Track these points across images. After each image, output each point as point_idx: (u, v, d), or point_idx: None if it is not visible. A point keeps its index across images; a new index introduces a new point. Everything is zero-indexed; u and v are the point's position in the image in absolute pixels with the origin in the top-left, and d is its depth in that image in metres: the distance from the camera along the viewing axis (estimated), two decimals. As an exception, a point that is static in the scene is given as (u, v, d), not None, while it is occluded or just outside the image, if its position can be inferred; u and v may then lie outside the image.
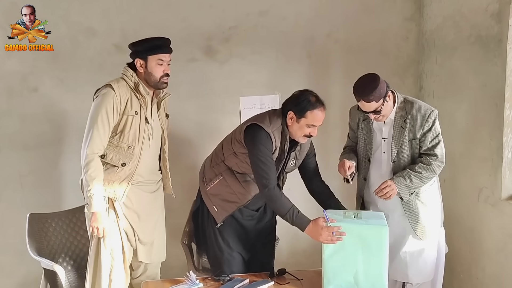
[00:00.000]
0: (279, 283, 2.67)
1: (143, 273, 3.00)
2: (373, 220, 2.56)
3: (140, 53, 2.73)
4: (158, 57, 2.73)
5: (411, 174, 2.72)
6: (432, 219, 2.86)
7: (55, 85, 3.47)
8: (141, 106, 2.75)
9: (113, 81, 2.72)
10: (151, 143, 2.83)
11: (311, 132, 2.68)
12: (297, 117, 2.64)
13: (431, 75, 3.84)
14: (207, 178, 2.88)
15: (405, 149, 2.78)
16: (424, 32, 3.91)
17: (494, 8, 3.17)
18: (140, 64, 2.74)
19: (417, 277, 2.88)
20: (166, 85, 2.82)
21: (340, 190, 3.99)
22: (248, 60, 3.76)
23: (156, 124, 2.87)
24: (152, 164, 2.90)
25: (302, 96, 2.66)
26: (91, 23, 3.50)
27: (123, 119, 2.70)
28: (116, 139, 2.72)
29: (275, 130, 2.66)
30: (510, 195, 3.20)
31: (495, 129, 3.21)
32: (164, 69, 2.76)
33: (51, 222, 3.16)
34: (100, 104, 2.65)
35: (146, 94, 2.75)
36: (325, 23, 3.86)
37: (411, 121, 2.74)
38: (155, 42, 2.75)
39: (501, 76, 3.14)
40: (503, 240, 3.19)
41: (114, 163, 2.72)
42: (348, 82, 3.91)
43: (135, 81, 2.73)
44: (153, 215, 2.96)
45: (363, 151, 2.91)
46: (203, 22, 3.68)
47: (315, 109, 2.63)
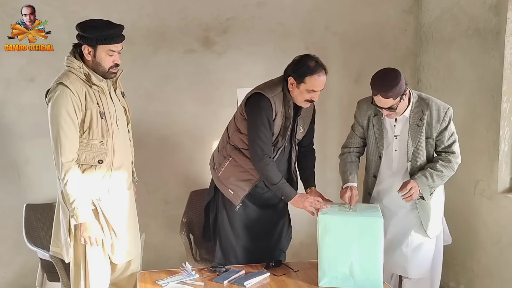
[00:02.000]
0: (275, 274, 2.68)
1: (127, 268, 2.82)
2: (368, 212, 2.58)
3: (89, 40, 2.47)
4: (109, 47, 2.49)
5: (433, 173, 2.67)
6: (438, 216, 2.85)
7: (52, 75, 3.43)
8: (100, 95, 2.54)
9: (63, 77, 2.48)
10: (120, 128, 2.65)
11: (312, 97, 2.66)
12: (297, 83, 2.63)
13: (428, 67, 3.84)
14: (217, 163, 2.88)
15: (421, 147, 2.72)
16: (422, 25, 3.90)
17: (492, 1, 3.17)
18: (88, 51, 2.49)
19: (416, 272, 2.85)
20: (114, 75, 2.59)
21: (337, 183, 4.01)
22: (246, 52, 3.74)
23: (118, 106, 2.68)
24: (125, 148, 2.72)
25: (301, 62, 2.64)
26: (88, 13, 3.43)
27: (87, 115, 2.49)
28: (85, 137, 2.51)
29: (275, 95, 2.66)
30: (506, 188, 3.22)
31: (492, 122, 3.22)
32: (114, 59, 2.53)
33: (48, 212, 3.16)
34: (58, 106, 2.43)
35: (100, 82, 2.53)
36: (323, 15, 3.84)
37: (428, 120, 2.68)
38: (107, 32, 2.48)
39: (498, 69, 3.15)
40: (498, 233, 3.21)
41: (90, 162, 2.53)
42: (346, 74, 3.96)
43: (85, 72, 2.49)
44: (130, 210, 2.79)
45: (373, 148, 2.83)
46: (201, 13, 3.66)
47: (314, 74, 2.60)
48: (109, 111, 2.58)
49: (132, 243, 2.77)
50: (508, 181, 3.21)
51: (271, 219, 2.93)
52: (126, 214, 2.73)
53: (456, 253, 3.52)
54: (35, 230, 3.06)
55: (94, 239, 2.52)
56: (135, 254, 2.82)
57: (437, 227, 2.83)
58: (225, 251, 2.85)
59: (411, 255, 2.81)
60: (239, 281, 2.57)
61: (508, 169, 3.20)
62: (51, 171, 3.50)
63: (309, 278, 2.63)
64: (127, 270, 2.79)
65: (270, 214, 2.92)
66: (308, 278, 2.64)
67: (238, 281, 2.57)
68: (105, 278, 2.68)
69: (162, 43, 3.65)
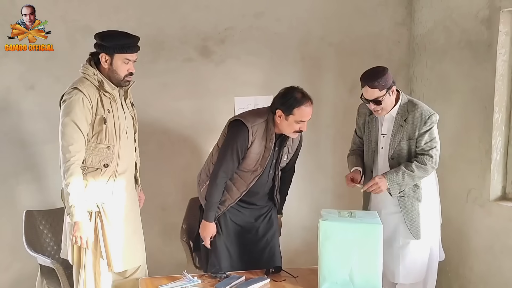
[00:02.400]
0: (275, 280, 2.72)
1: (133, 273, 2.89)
2: (367, 219, 2.62)
3: (106, 49, 2.62)
4: (125, 56, 2.64)
5: (405, 172, 2.79)
6: (427, 219, 2.91)
7: (52, 83, 3.47)
8: (111, 103, 2.67)
9: (78, 83, 2.62)
10: (128, 136, 2.78)
11: (300, 127, 2.76)
12: (285, 115, 2.72)
13: (421, 78, 3.93)
14: (201, 180, 2.98)
15: (402, 147, 2.85)
16: (415, 37, 3.99)
17: (484, 14, 3.26)
18: (105, 60, 2.64)
19: (405, 277, 2.93)
20: (129, 83, 2.74)
21: (331, 192, 4.09)
22: (243, 61, 3.79)
23: (128, 115, 2.80)
24: (130, 155, 2.82)
25: (288, 94, 2.74)
26: (88, 22, 3.51)
27: (97, 120, 2.62)
28: (93, 141, 2.63)
29: (256, 124, 2.76)
30: (498, 196, 3.29)
31: (484, 132, 3.30)
32: (129, 68, 2.68)
33: (47, 219, 3.18)
34: (71, 108, 2.56)
35: (112, 90, 2.67)
36: (319, 26, 3.91)
37: (411, 121, 2.82)
38: (124, 41, 2.64)
39: (490, 81, 3.24)
40: (490, 240, 3.29)
41: (95, 165, 2.64)
42: (341, 84, 4.03)
43: (99, 79, 2.62)
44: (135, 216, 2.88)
45: (368, 145, 3.01)
46: (200, 22, 3.70)
47: (302, 105, 2.70)
48: (119, 118, 2.68)
49: (134, 250, 2.81)
50: (500, 189, 3.29)
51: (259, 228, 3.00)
52: (130, 219, 2.79)
53: (449, 260, 3.57)
54: (35, 236, 3.06)
55: (85, 240, 2.58)
56: (140, 262, 2.87)
57: (425, 230, 2.90)
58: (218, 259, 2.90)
59: (398, 259, 2.90)
60: (241, 286, 2.61)
61: (500, 178, 3.28)
62: (50, 178, 3.56)
63: (309, 284, 2.68)
64: (133, 276, 2.85)
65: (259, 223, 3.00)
66: (308, 284, 2.68)
67: (240, 286, 2.62)
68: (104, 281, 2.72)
69: (161, 52, 3.68)
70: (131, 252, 2.79)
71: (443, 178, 3.44)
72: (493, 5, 3.19)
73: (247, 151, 2.77)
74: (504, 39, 3.19)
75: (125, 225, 2.76)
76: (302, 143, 3.06)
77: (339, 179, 4.05)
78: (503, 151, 3.27)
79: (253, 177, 2.85)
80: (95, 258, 2.70)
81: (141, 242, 2.91)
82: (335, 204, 3.91)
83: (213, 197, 2.83)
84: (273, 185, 2.97)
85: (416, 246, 2.91)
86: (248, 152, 2.78)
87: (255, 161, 2.81)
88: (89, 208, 2.65)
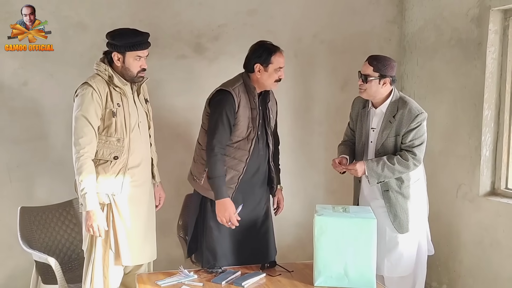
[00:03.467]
0: (270, 275, 2.76)
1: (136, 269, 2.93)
2: (361, 213, 2.67)
3: (118, 47, 2.70)
4: (137, 53, 2.72)
5: (385, 164, 2.84)
6: (413, 214, 2.95)
7: (45, 79, 3.46)
8: (121, 97, 2.74)
9: (89, 78, 2.71)
10: (141, 131, 2.83)
11: (279, 76, 2.84)
12: (264, 66, 2.81)
13: (412, 76, 3.98)
14: (196, 174, 2.94)
15: (389, 142, 2.90)
16: (406, 35, 4.04)
17: (474, 13, 3.32)
18: (118, 58, 2.72)
19: (391, 271, 2.97)
20: (142, 79, 2.82)
21: (324, 188, 4.13)
22: (237, 58, 3.67)
23: (141, 110, 2.87)
24: (144, 150, 2.87)
25: (259, 48, 2.86)
26: (81, 18, 3.50)
27: (107, 113, 2.69)
28: (104, 134, 2.70)
29: (235, 87, 2.82)
30: (487, 191, 3.36)
31: (474, 129, 3.36)
32: (141, 64, 2.76)
33: (42, 215, 3.17)
34: (82, 103, 2.64)
35: (123, 85, 2.74)
36: (312, 24, 3.95)
37: (399, 118, 2.86)
38: (135, 39, 2.72)
39: (480, 78, 3.30)
40: (480, 234, 3.35)
41: (106, 158, 2.71)
42: (333, 81, 4.07)
43: (109, 74, 2.70)
44: (147, 212, 2.91)
45: (359, 137, 3.05)
46: (193, 19, 3.71)
47: (277, 52, 2.83)
48: (130, 113, 2.75)
49: (144, 245, 2.86)
50: (489, 184, 3.35)
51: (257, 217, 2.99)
52: (141, 214, 2.84)
53: (439, 254, 3.63)
54: (29, 232, 3.06)
55: (97, 228, 2.63)
56: (150, 259, 2.94)
57: (410, 225, 2.93)
58: (214, 254, 2.87)
59: (385, 252, 2.92)
60: (237, 281, 2.64)
61: (489, 173, 3.34)
62: (43, 174, 3.55)
63: (304, 278, 2.71)
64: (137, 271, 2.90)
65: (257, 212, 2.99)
66: (303, 278, 2.72)
67: (236, 281, 2.64)
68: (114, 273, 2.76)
69: (155, 49, 3.59)
70: (141, 248, 2.83)
71: (433, 173, 3.52)
72: (483, 4, 3.25)
73: (236, 115, 2.79)
74: (494, 37, 3.25)
75: (136, 219, 2.81)
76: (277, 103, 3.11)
77: (332, 175, 4.09)
78: (492, 147, 3.33)
79: (249, 143, 2.85)
80: (104, 251, 2.74)
81: (152, 239, 2.96)
82: (328, 199, 3.95)
83: (217, 171, 2.77)
84: (267, 149, 2.96)
85: (402, 240, 2.94)
86: (237, 119, 2.80)
87: (246, 125, 2.83)
88: (101, 200, 2.70)
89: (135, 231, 2.80)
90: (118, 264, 2.76)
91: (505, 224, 3.16)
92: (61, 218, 3.26)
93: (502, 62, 3.28)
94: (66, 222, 3.27)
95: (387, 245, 2.94)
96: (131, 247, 2.77)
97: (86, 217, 2.64)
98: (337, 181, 3.83)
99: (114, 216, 2.73)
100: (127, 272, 2.90)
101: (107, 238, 2.73)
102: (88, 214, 2.63)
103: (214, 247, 2.88)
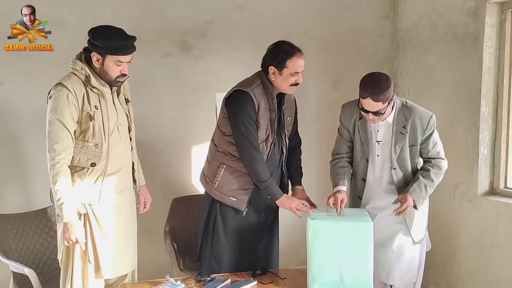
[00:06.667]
0: (262, 282, 2.62)
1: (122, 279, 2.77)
2: (357, 216, 2.55)
3: (99, 48, 2.49)
4: (118, 58, 2.50)
5: (427, 184, 2.66)
6: (423, 220, 2.83)
7: (23, 79, 3.30)
8: (99, 99, 2.54)
9: (64, 78, 2.50)
10: (121, 134, 2.65)
11: (296, 80, 2.67)
12: (279, 70, 2.64)
13: (406, 72, 3.87)
14: (210, 176, 2.79)
15: (405, 155, 2.70)
16: (399, 30, 3.94)
17: (470, 6, 3.22)
18: (97, 59, 2.51)
19: (402, 279, 2.82)
20: (120, 83, 2.61)
21: (316, 189, 3.99)
22: (224, 56, 3.68)
23: (121, 112, 2.67)
24: (125, 155, 2.69)
25: (277, 49, 2.68)
26: (61, 15, 3.35)
27: (84, 117, 2.49)
28: (81, 139, 2.51)
29: (253, 88, 2.65)
30: (486, 191, 3.26)
31: (471, 126, 3.26)
32: (122, 69, 2.55)
33: (20, 223, 3.01)
34: (56, 106, 2.44)
35: (101, 86, 2.53)
36: (302, 20, 3.84)
37: (411, 127, 2.66)
38: (118, 43, 2.49)
39: (477, 74, 3.20)
40: (479, 236, 3.25)
41: (83, 164, 2.52)
42: (325, 79, 3.96)
43: (86, 74, 2.50)
44: (127, 220, 2.75)
45: (360, 151, 2.79)
46: (178, 16, 3.58)
47: (293, 56, 2.63)
48: (108, 116, 2.56)
49: (125, 256, 2.70)
50: (487, 184, 3.25)
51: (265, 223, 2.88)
52: (121, 223, 2.66)
53: (436, 256, 3.54)
54: (6, 241, 2.90)
55: (75, 240, 2.46)
56: (131, 269, 2.77)
57: (422, 232, 2.83)
58: (218, 260, 2.77)
59: (396, 260, 2.78)
60: (226, 290, 2.50)
61: (487, 172, 3.24)
62: (18, 181, 3.38)
63: (297, 286, 2.59)
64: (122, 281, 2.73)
65: (265, 218, 2.87)
66: (296, 285, 2.60)
67: (225, 290, 2.50)
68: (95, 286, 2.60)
69: (138, 47, 3.39)
70: (122, 258, 2.67)
71: (429, 173, 3.39)
72: (479, -4, 3.15)
73: (257, 116, 2.65)
74: (491, 31, 3.15)
75: (116, 229, 2.64)
76: (297, 106, 2.96)
77: (324, 176, 3.95)
78: (491, 145, 3.23)
79: (267, 147, 2.72)
80: (83, 263, 2.57)
81: (134, 247, 2.80)
82: (320, 202, 3.75)
83: (263, 174, 2.62)
84: (281, 155, 2.82)
85: (412, 248, 2.80)
86: (258, 121, 2.66)
87: (265, 128, 2.69)
88: (77, 210, 2.52)
89: (115, 242, 2.63)
90: (99, 277, 2.60)
91: (505, 224, 3.06)
92: (40, 226, 3.10)
93: (499, 56, 3.18)
94: (45, 229, 3.11)
95: (396, 253, 2.77)
96: (111, 259, 2.61)
97: (64, 229, 2.46)
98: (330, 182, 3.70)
99: (92, 226, 2.55)
100: (111, 283, 2.74)
101: (85, 250, 2.56)
102: (65, 226, 2.45)
103: (220, 254, 2.76)
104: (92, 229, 2.56)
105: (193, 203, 3.43)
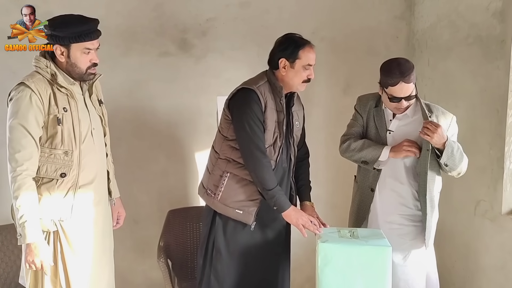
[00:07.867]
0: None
1: None
2: (373, 240, 2.29)
3: (61, 39, 2.25)
4: (84, 45, 2.27)
5: (459, 147, 2.58)
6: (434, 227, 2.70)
7: (8, 78, 3.06)
8: (68, 99, 2.28)
9: (26, 78, 2.26)
10: (95, 140, 2.38)
11: (308, 75, 2.51)
12: (291, 62, 2.48)
13: (422, 77, 3.61)
14: (211, 187, 2.53)
15: None
16: (416, 32, 3.68)
17: (497, 6, 2.96)
18: (61, 52, 2.27)
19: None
20: (93, 76, 2.37)
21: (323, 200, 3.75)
22: (227, 56, 3.48)
23: (94, 115, 2.42)
24: (99, 163, 2.42)
25: (286, 40, 2.53)
26: (49, 9, 3.09)
27: (50, 121, 2.24)
28: (47, 146, 2.25)
29: (260, 86, 2.47)
30: (511, 209, 2.99)
31: (496, 138, 3.00)
32: (91, 58, 2.30)
33: (-2, 236, 2.74)
34: (18, 109, 2.19)
35: (69, 84, 2.30)
36: (311, 19, 3.61)
37: None
38: (81, 28, 2.25)
39: (503, 80, 2.93)
40: (502, 258, 2.98)
41: (51, 175, 2.25)
42: (334, 83, 3.71)
43: (52, 72, 2.27)
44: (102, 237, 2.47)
45: (374, 138, 2.70)
46: (178, 12, 3.37)
47: (306, 46, 2.49)
48: (79, 118, 2.29)
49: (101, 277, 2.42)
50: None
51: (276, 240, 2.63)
52: (96, 241, 2.38)
53: (454, 279, 3.28)
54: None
55: (40, 264, 2.18)
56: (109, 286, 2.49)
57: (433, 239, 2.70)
58: (220, 283, 2.51)
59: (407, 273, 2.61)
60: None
61: (513, 189, 2.98)
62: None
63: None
64: None
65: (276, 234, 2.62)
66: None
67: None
68: None
69: (134, 45, 3.36)
70: (96, 281, 2.39)
71: (448, 188, 3.14)
72: (507, -4, 2.89)
73: (263, 116, 2.42)
74: (519, 34, 2.88)
75: (90, 247, 2.36)
76: (304, 111, 2.79)
77: (332, 187, 3.75)
78: (517, 159, 2.96)
79: (275, 151, 2.49)
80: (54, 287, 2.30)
81: (109, 268, 2.52)
82: (328, 215, 3.55)
83: (269, 181, 2.39)
84: (289, 162, 2.60)
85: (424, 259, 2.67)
86: (265, 122, 2.44)
87: (273, 131, 2.47)
88: (45, 227, 2.25)
89: (90, 262, 2.36)
90: None
91: (532, 247, 2.79)
92: (5, 243, 2.82)
93: (528, 62, 2.91)
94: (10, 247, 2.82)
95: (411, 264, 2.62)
96: (85, 281, 2.33)
97: (27, 251, 2.17)
98: (340, 194, 3.50)
99: (62, 246, 2.27)
100: None
101: (56, 272, 2.28)
102: (29, 247, 2.17)
103: (223, 276, 2.50)
104: (62, 248, 2.28)
105: (190, 215, 3.20)
